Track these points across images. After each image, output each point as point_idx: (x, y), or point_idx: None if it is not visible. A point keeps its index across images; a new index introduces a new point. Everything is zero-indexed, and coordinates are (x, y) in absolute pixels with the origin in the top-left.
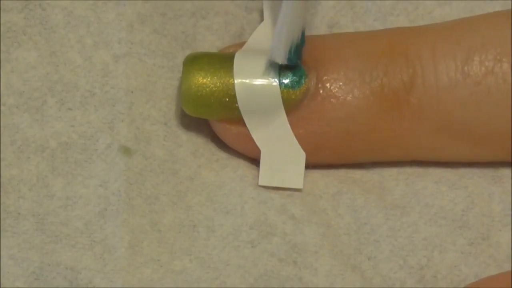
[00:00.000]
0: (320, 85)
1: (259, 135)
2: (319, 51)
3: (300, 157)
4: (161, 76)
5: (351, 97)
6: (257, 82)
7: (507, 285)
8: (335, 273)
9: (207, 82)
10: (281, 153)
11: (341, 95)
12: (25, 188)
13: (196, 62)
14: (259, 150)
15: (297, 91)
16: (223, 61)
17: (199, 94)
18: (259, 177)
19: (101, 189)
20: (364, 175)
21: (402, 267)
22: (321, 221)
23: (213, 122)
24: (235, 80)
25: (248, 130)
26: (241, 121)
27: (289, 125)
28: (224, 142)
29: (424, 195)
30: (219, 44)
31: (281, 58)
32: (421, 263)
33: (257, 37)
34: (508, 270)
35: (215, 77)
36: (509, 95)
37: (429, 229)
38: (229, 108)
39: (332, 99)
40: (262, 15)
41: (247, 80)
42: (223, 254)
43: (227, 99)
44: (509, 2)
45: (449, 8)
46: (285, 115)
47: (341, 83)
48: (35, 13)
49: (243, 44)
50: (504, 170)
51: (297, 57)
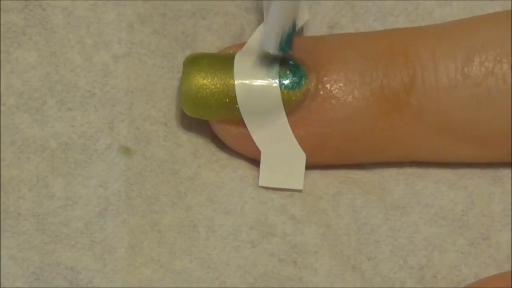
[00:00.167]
0: (320, 86)
1: (259, 136)
2: (319, 52)
3: (300, 158)
4: (161, 76)
5: (351, 98)
6: (257, 83)
7: (507, 285)
8: (335, 273)
9: (207, 83)
10: (281, 154)
11: (341, 96)
12: (25, 188)
13: (196, 63)
14: (259, 151)
15: (297, 92)
16: (223, 62)
17: (199, 95)
18: (259, 178)
19: (101, 189)
20: (364, 176)
21: (402, 267)
22: (321, 221)
23: (213, 123)
24: (235, 81)
25: (248, 131)
26: (241, 122)
27: (289, 126)
28: (224, 142)
29: (424, 195)
30: (219, 44)
31: (272, 47)
32: (421, 263)
33: (257, 38)
34: (508, 270)
35: (215, 78)
36: (509, 95)
37: (429, 229)
38: (229, 109)
39: (332, 100)
40: (262, 15)
41: (247, 81)
42: (223, 254)
43: (227, 100)
44: (509, 2)
45: (449, 8)
46: (285, 116)
47: (341, 84)
48: (35, 13)
49: (243, 44)
50: (504, 170)
51: (288, 47)
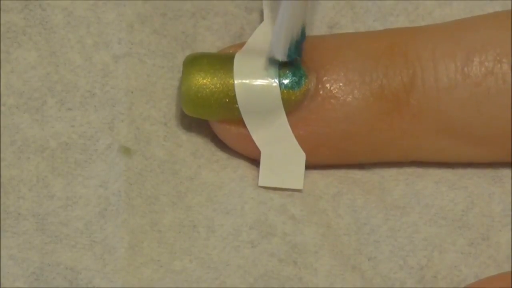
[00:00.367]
0: (320, 85)
1: (259, 136)
2: (319, 52)
3: (300, 157)
4: (161, 76)
5: (351, 98)
6: (257, 82)
7: (507, 285)
8: (335, 273)
9: (207, 82)
10: (281, 153)
11: (341, 96)
12: (25, 188)
13: (196, 62)
14: (259, 150)
15: (297, 91)
16: (223, 62)
17: (199, 95)
18: (259, 178)
19: (101, 189)
20: (364, 176)
21: (402, 267)
22: (321, 221)
23: (213, 122)
24: (235, 80)
25: (248, 130)
26: (241, 122)
27: (289, 126)
28: (224, 142)
29: (424, 195)
30: (219, 44)
31: (281, 54)
32: (421, 263)
33: (257, 38)
34: (508, 270)
35: (215, 78)
36: (509, 95)
37: (429, 229)
38: (229, 108)
39: (332, 100)
40: (262, 15)
41: (247, 80)
42: (223, 254)
43: (227, 100)
44: (509, 2)
45: (449, 8)
46: (285, 116)
47: (341, 84)
48: (35, 14)
49: (243, 44)
50: (504, 170)
51: (297, 54)
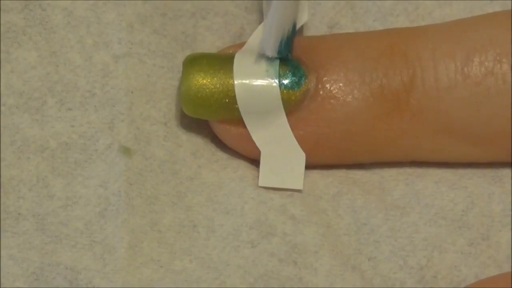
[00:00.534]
0: (320, 86)
1: (259, 136)
2: (319, 52)
3: (300, 158)
4: (161, 76)
5: (351, 98)
6: (257, 83)
7: (508, 286)
8: (335, 273)
9: (207, 83)
10: (281, 154)
11: (341, 96)
12: (25, 188)
13: (196, 63)
14: (259, 151)
15: (297, 92)
16: (223, 62)
17: (199, 95)
18: (259, 178)
19: (101, 189)
20: (364, 176)
21: (402, 267)
22: (321, 221)
23: (213, 123)
24: (235, 81)
25: (248, 131)
26: (241, 122)
27: (289, 126)
28: (224, 142)
29: (424, 195)
30: (219, 44)
31: (271, 51)
32: (421, 264)
33: (257, 38)
34: (508, 270)
35: (215, 78)
36: (509, 95)
37: (429, 230)
38: (229, 109)
39: (332, 100)
40: (262, 15)
41: (247, 81)
42: (223, 254)
43: (227, 100)
44: (509, 2)
45: (449, 8)
46: (285, 116)
47: (341, 84)
48: (35, 13)
49: (243, 44)
50: (504, 170)
51: (288, 50)
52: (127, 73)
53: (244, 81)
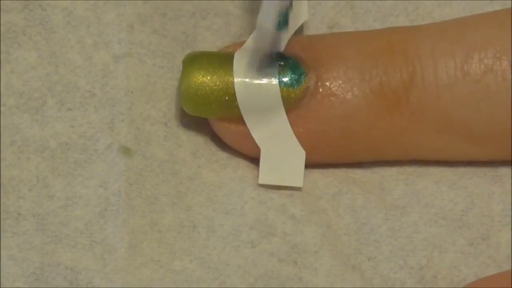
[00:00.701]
0: (319, 83)
1: (258, 134)
2: (318, 50)
3: (300, 155)
4: (161, 76)
5: (350, 96)
6: (256, 80)
7: (507, 284)
8: (335, 273)
9: (206, 80)
10: (281, 151)
11: (340, 93)
12: (25, 188)
13: (195, 61)
14: (258, 148)
15: (297, 89)
16: (223, 60)
17: (198, 92)
18: (259, 176)
19: (101, 189)
20: (364, 175)
21: (402, 267)
22: (321, 221)
23: (212, 121)
24: (235, 78)
25: (247, 128)
26: (240, 120)
27: (288, 124)
28: (224, 141)
29: (424, 195)
30: (219, 44)
31: (270, 23)
32: (421, 263)
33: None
34: (506, 270)
35: (215, 76)
36: (508, 93)
37: (429, 229)
38: (228, 106)
39: (331, 98)
40: None
41: (247, 78)
42: (223, 254)
43: (227, 98)
44: (509, 2)
45: (449, 8)
46: (285, 114)
47: (340, 81)
48: (35, 14)
49: (242, 43)
50: (504, 169)
51: (285, 24)
52: (127, 73)
53: (244, 79)
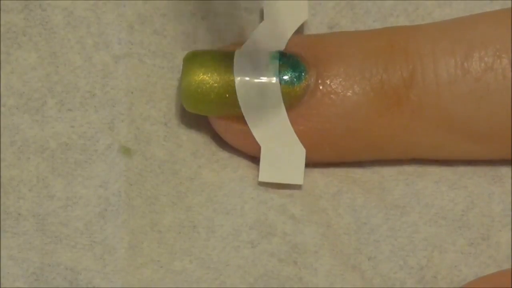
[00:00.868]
0: (320, 81)
1: (259, 132)
2: (319, 48)
3: (300, 153)
4: (161, 76)
5: (351, 93)
6: (257, 78)
7: (507, 283)
8: (335, 273)
9: (207, 78)
10: (281, 149)
11: (341, 91)
12: (25, 188)
13: (196, 58)
14: (259, 146)
15: (297, 87)
16: (224, 58)
17: (199, 90)
18: (259, 173)
19: (101, 189)
20: (364, 175)
21: (402, 267)
22: (321, 221)
23: (213, 119)
24: (235, 76)
25: (248, 126)
26: (241, 118)
27: (289, 122)
28: (224, 141)
29: (424, 195)
30: (219, 45)
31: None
32: (421, 263)
33: (257, 36)
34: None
35: (215, 73)
36: (508, 91)
37: (429, 229)
38: (229, 104)
39: (332, 95)
40: (262, 15)
41: (248, 76)
42: (223, 254)
43: (227, 95)
44: (509, 2)
45: (449, 9)
46: (285, 112)
47: (341, 79)
48: (35, 14)
49: (243, 43)
50: (504, 169)
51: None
52: (127, 73)
53: (244, 77)
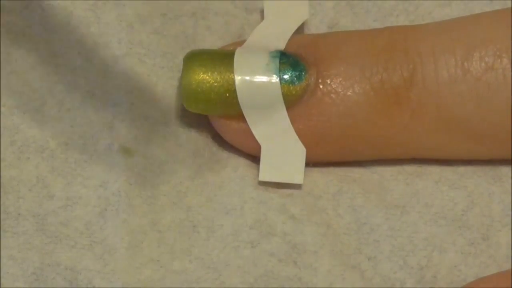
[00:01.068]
0: (320, 80)
1: (259, 131)
2: (319, 47)
3: (300, 152)
4: (161, 76)
5: (351, 93)
6: (257, 77)
7: (506, 284)
8: (335, 273)
9: (207, 77)
10: (282, 148)
11: (341, 90)
12: (25, 188)
13: (196, 57)
14: (259, 146)
15: (298, 86)
16: (224, 57)
17: (199, 89)
18: (259, 173)
19: (101, 189)
20: (364, 175)
21: (402, 267)
22: (321, 220)
23: (213, 118)
24: (236, 75)
25: (248, 125)
26: (241, 117)
27: (289, 121)
28: (224, 140)
29: (424, 195)
30: (219, 44)
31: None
32: (421, 263)
33: (258, 36)
34: (506, 269)
35: (216, 73)
36: (509, 91)
37: (429, 229)
38: (229, 103)
39: (332, 95)
40: (262, 15)
41: (248, 75)
42: (223, 254)
43: (228, 95)
44: (509, 2)
45: (449, 9)
46: (286, 111)
47: (341, 78)
48: (35, 14)
49: (243, 42)
50: (504, 169)
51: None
52: (127, 73)
53: (244, 76)
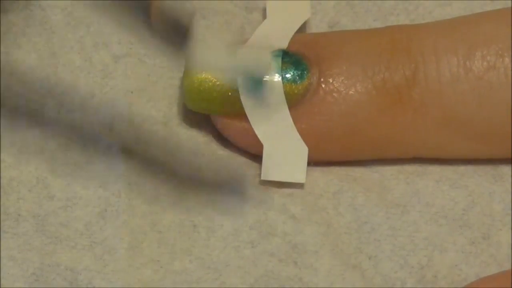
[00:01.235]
0: (322, 79)
1: (261, 130)
2: (321, 46)
3: (302, 151)
4: (161, 76)
5: (353, 92)
6: (259, 76)
7: (507, 284)
8: (335, 273)
9: (209, 76)
10: (284, 147)
11: (343, 89)
12: (25, 189)
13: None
14: (261, 145)
15: (300, 85)
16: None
17: (201, 88)
18: (261, 172)
19: (101, 190)
20: (364, 174)
21: (402, 266)
22: (321, 220)
23: (215, 117)
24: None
25: (250, 125)
26: (243, 116)
27: (291, 120)
28: (224, 140)
29: (424, 194)
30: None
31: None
32: (421, 263)
33: (260, 35)
34: (508, 269)
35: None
36: (510, 89)
37: (430, 229)
38: (231, 102)
39: (334, 94)
40: (262, 15)
41: (250, 74)
42: (223, 254)
43: (230, 94)
44: (509, 2)
45: (450, 8)
46: (288, 110)
47: (343, 77)
48: (35, 14)
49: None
50: (504, 168)
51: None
52: (127, 73)
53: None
